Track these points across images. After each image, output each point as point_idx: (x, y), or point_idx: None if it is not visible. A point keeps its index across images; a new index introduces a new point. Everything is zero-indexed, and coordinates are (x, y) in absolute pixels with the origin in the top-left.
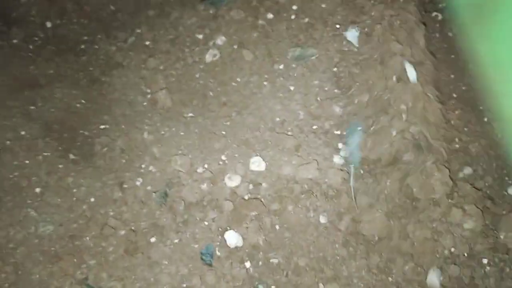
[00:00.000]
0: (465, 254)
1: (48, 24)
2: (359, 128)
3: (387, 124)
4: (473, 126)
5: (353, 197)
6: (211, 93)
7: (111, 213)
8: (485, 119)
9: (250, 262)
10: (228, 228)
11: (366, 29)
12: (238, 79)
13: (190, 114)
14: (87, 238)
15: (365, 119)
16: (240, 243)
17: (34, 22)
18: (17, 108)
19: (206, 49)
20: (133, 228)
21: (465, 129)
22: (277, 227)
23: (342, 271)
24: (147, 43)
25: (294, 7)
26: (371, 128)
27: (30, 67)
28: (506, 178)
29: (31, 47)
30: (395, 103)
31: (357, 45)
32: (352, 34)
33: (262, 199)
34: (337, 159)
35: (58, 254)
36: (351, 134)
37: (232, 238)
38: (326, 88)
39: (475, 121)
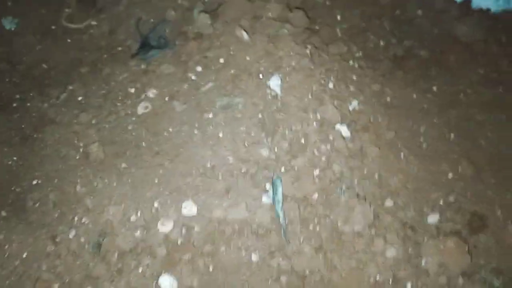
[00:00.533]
0: (390, 281)
1: None
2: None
3: (309, 165)
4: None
5: (282, 235)
6: (143, 144)
7: (44, 267)
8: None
9: None
10: (163, 272)
11: (287, 78)
12: (170, 129)
13: (124, 165)
14: None
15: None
16: (174, 287)
17: None
18: None
19: (138, 102)
20: (66, 281)
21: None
22: (210, 268)
23: None
24: (80, 98)
25: (221, 60)
26: (296, 168)
27: None
28: (425, 209)
29: None
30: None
31: (280, 93)
32: (274, 83)
33: (195, 242)
34: (266, 199)
35: None
36: (275, 185)
37: (166, 283)
38: (252, 134)
39: (393, 157)
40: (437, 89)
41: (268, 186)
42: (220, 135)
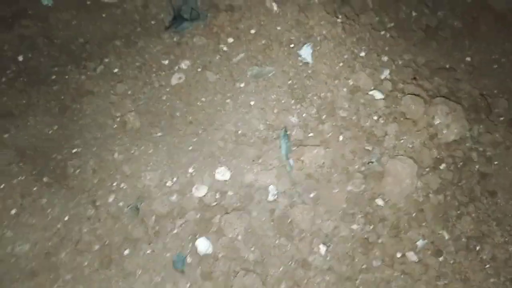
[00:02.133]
0: None
1: (20, 58)
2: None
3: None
4: None
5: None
6: (178, 113)
7: (85, 230)
8: None
9: (220, 267)
10: (198, 235)
11: (318, 46)
12: (203, 99)
13: (159, 134)
14: (62, 254)
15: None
16: (210, 250)
17: (6, 56)
18: None
19: (171, 73)
20: (106, 242)
21: None
22: (242, 231)
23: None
24: (115, 70)
25: (252, 31)
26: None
27: (3, 99)
28: None
29: (4, 79)
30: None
31: (310, 61)
32: (305, 51)
33: (228, 206)
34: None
35: (35, 271)
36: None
37: (202, 245)
38: (282, 101)
39: None
40: (471, 59)
41: None
42: (251, 103)
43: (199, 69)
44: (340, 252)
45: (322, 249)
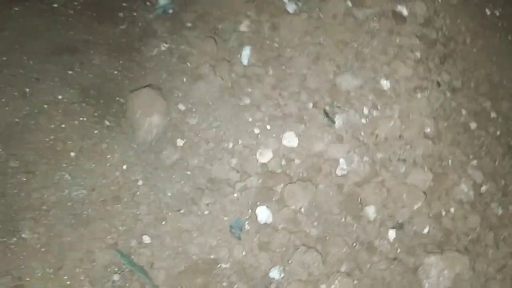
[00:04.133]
0: None
1: None
2: None
3: None
4: None
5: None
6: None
7: (141, 183)
8: None
9: (280, 239)
10: (259, 203)
11: None
12: None
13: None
14: (119, 204)
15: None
16: (270, 219)
17: None
18: (55, 72)
19: None
20: (163, 198)
21: None
22: (306, 203)
23: None
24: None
25: None
26: None
27: (70, 32)
28: None
29: (71, 12)
30: None
31: None
32: None
33: (293, 175)
34: None
35: (90, 218)
36: None
37: (263, 214)
38: None
39: None
40: None
41: None
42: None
43: None
44: (410, 244)
45: (391, 235)
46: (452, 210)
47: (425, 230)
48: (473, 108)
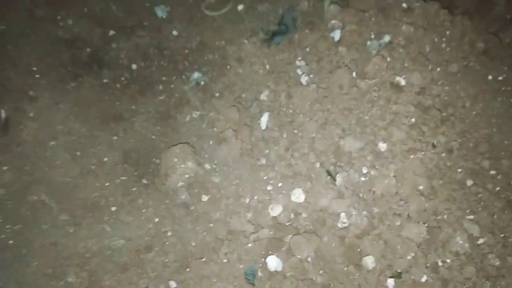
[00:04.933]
0: None
1: (134, 66)
2: None
3: None
4: None
5: None
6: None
7: (170, 233)
8: None
9: (288, 285)
10: (270, 252)
11: None
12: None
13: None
14: (151, 253)
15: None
16: (279, 267)
17: (122, 65)
18: (102, 138)
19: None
20: (193, 243)
21: None
22: (312, 254)
23: None
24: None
25: None
26: None
27: (116, 103)
28: None
29: (118, 85)
30: None
31: None
32: None
33: (300, 227)
34: None
35: (126, 264)
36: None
37: (273, 262)
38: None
39: None
40: None
41: None
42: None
43: None
44: None
45: (390, 283)
46: (448, 260)
47: (423, 279)
48: (470, 167)
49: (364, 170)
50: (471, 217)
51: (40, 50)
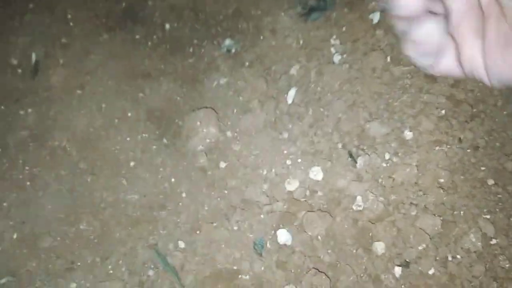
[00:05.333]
0: None
1: (167, 26)
2: None
3: None
4: None
5: None
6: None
7: (184, 195)
8: None
9: (295, 260)
10: (281, 226)
11: None
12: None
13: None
14: (163, 211)
15: None
16: (289, 241)
17: (155, 23)
18: (128, 93)
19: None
20: (201, 211)
21: None
22: (323, 233)
23: None
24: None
25: None
26: None
27: (145, 60)
28: None
29: (149, 43)
30: None
31: None
32: None
33: (315, 205)
34: None
35: (138, 219)
36: None
37: (283, 236)
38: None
39: None
40: None
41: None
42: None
43: None
44: (415, 282)
45: (398, 272)
46: (458, 256)
47: (431, 272)
48: (494, 166)
49: (387, 156)
50: (488, 216)
51: None
